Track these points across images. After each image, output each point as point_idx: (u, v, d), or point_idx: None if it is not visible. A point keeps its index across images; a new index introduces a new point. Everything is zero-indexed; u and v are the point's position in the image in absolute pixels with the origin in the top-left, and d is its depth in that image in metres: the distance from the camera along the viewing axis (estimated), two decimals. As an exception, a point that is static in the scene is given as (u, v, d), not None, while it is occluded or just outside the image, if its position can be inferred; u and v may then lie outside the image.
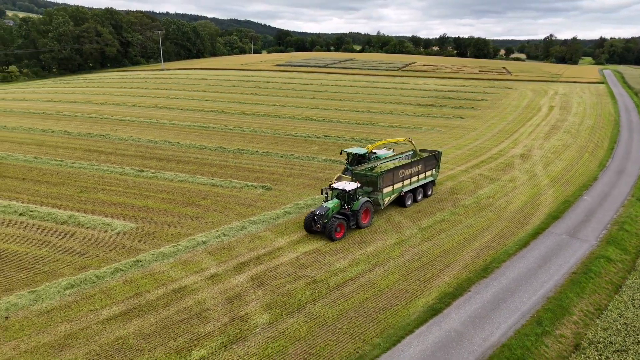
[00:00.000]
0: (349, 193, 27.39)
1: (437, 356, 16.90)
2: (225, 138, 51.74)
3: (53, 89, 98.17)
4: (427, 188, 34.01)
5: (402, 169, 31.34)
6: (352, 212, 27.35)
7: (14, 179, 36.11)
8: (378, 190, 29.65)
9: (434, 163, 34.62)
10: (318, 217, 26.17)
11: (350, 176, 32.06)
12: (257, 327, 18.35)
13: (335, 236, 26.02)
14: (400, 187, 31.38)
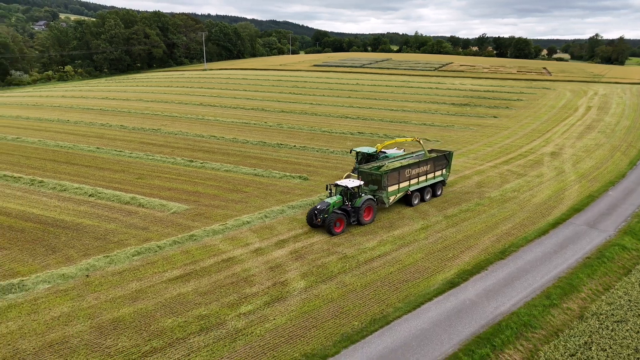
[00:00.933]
0: (350, 190, 28.31)
1: (451, 320, 19.28)
2: (265, 133, 55.20)
3: (106, 88, 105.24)
4: (436, 188, 34.16)
5: (409, 168, 31.69)
6: (354, 208, 28.34)
7: (81, 166, 40.70)
8: (383, 189, 30.31)
9: (444, 163, 34.74)
10: (319, 212, 27.27)
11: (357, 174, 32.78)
12: (295, 291, 21.27)
13: (334, 230, 27.05)
14: (407, 186, 31.79)
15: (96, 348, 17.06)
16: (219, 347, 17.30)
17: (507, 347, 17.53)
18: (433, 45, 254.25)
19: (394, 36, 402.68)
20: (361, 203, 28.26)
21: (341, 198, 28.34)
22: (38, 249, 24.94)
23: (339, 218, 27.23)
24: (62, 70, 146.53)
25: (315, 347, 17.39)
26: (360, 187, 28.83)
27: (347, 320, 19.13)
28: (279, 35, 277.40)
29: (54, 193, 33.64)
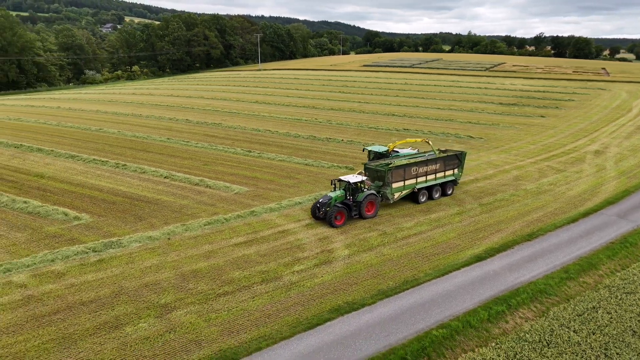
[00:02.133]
0: (352, 185, 29.50)
1: (474, 285, 22.20)
2: (315, 129, 59.24)
3: (170, 86, 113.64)
4: (446, 187, 34.52)
5: (415, 166, 32.38)
6: (356, 202, 29.47)
7: (155, 154, 46.38)
8: (387, 185, 31.28)
9: (456, 163, 34.94)
10: (321, 205, 28.78)
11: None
12: (340, 257, 24.91)
13: (334, 223, 28.26)
14: (414, 184, 32.53)
15: (181, 289, 21.49)
16: (277, 293, 21.25)
17: (521, 307, 20.28)
18: (486, 45, 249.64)
19: (447, 36, 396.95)
20: (363, 198, 29.37)
21: (344, 192, 29.63)
22: (128, 217, 30.08)
23: (340, 211, 28.51)
24: (130, 70, 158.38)
25: (356, 298, 20.94)
26: (362, 183, 30.00)
27: (383, 280, 22.54)
28: (330, 36, 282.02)
29: (135, 174, 39.21)
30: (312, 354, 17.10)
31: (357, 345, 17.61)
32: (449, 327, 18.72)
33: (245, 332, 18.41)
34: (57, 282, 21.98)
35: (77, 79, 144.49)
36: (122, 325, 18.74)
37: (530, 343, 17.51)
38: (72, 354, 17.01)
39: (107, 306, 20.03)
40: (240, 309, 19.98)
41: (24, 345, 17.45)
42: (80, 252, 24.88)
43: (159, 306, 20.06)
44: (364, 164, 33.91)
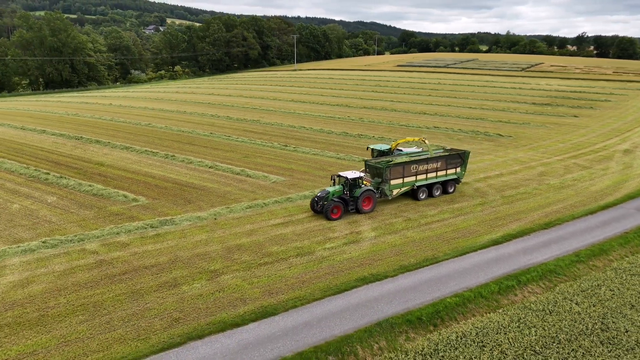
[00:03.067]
0: (349, 181, 30.70)
1: (489, 264, 24.39)
2: (348, 126, 61.96)
3: (210, 85, 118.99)
4: (448, 185, 35.14)
5: (414, 164, 33.22)
6: (353, 198, 30.74)
7: (200, 147, 50.34)
8: (385, 181, 32.34)
9: (459, 162, 35.52)
10: (318, 199, 30.17)
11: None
12: (367, 238, 27.58)
13: (330, 216, 29.55)
14: (413, 181, 33.41)
15: (227, 259, 24.75)
16: (310, 265, 24.17)
17: (530, 283, 22.38)
18: (525, 45, 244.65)
19: (485, 36, 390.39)
20: (360, 193, 30.55)
21: (341, 187, 30.87)
22: (178, 200, 33.77)
23: (336, 205, 29.80)
24: (172, 70, 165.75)
25: (380, 271, 23.58)
26: (361, 179, 31.22)
27: (405, 258, 25.07)
28: (366, 37, 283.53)
29: (183, 164, 43.12)
30: (340, 312, 19.91)
31: (379, 307, 20.28)
32: (462, 297, 21.10)
33: (282, 293, 21.41)
34: (123, 250, 25.70)
35: (123, 78, 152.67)
36: (179, 284, 22.13)
37: (534, 311, 19.69)
38: (140, 304, 20.48)
39: (166, 270, 23.50)
40: (278, 276, 23.01)
41: (100, 296, 21.08)
42: (140, 228, 28.62)
43: (209, 271, 23.38)
44: (365, 161, 35.03)
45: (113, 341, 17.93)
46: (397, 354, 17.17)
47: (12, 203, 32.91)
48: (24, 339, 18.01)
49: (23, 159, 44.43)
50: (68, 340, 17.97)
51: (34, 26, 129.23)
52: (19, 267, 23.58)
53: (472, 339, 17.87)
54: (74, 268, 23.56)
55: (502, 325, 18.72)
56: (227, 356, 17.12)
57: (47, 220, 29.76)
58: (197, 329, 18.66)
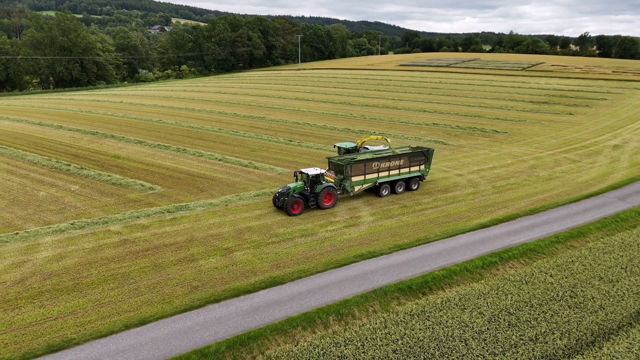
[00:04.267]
0: (310, 177, 31.50)
1: (475, 244, 26.86)
2: (350, 123, 64.48)
3: (217, 84, 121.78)
4: (411, 182, 35.90)
5: (376, 161, 33.86)
6: (313, 194, 31.53)
7: (209, 141, 53.02)
8: (347, 178, 33.09)
9: (422, 159, 36.40)
10: (279, 195, 31.16)
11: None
12: (365, 222, 30.12)
13: (290, 211, 30.40)
14: (375, 178, 34.14)
15: (238, 239, 27.34)
16: (313, 244, 26.73)
17: (511, 260, 24.87)
18: (528, 45, 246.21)
19: (489, 35, 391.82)
20: (320, 189, 31.45)
21: (303, 184, 31.73)
22: (191, 189, 36.41)
23: (296, 201, 30.68)
24: (179, 69, 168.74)
25: (376, 249, 26.12)
26: (322, 175, 32.01)
27: (399, 238, 27.59)
28: (369, 37, 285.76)
29: (194, 157, 45.79)
30: (340, 282, 22.47)
31: (375, 279, 22.83)
32: (449, 270, 23.62)
33: (289, 267, 23.99)
34: (144, 231, 28.35)
35: (131, 77, 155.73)
36: (197, 259, 24.75)
37: (512, 282, 22.18)
38: (162, 275, 23.11)
39: (184, 248, 26.13)
40: (285, 253, 25.60)
41: (127, 269, 23.73)
42: (158, 212, 31.27)
43: (223, 249, 25.99)
44: (328, 159, 35.65)
45: (141, 303, 20.57)
46: (389, 315, 19.71)
47: (39, 191, 35.66)
48: (64, 302, 20.67)
49: (44, 152, 47.23)
50: (102, 302, 20.62)
51: (44, 26, 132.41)
52: (52, 245, 26.28)
53: (455, 302, 20.38)
54: (101, 246, 26.24)
55: (482, 292, 21.22)
56: (241, 316, 19.71)
57: (72, 206, 32.48)
58: (214, 295, 21.27)
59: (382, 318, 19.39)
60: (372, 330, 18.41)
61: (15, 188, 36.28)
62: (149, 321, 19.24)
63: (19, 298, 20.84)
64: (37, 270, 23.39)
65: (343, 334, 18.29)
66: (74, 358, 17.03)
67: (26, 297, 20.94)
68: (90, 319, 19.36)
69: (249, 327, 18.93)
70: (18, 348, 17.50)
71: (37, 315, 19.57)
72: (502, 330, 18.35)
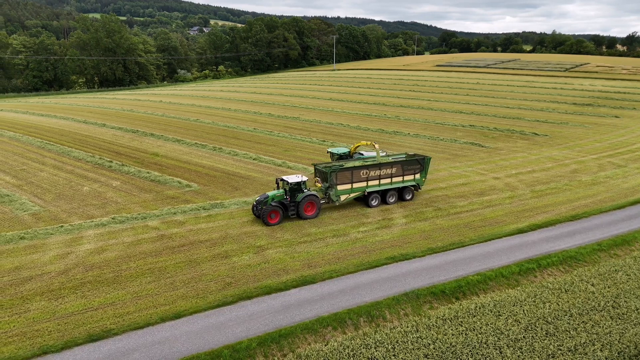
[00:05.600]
0: (290, 185, 29.74)
1: (512, 250, 26.12)
2: (384, 123, 64.03)
3: (252, 84, 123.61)
4: (405, 192, 33.51)
5: (365, 169, 31.56)
6: (294, 203, 29.73)
7: (244, 141, 53.88)
8: (331, 187, 30.95)
9: (417, 168, 33.82)
10: (257, 203, 29.61)
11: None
12: (398, 224, 29.83)
13: (267, 221, 28.71)
14: (364, 187, 31.76)
15: (271, 237, 27.66)
16: (345, 245, 26.71)
17: (550, 267, 24.02)
18: (571, 45, 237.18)
19: (530, 35, 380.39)
20: (301, 198, 29.69)
21: (283, 192, 30.08)
22: (226, 187, 37.09)
23: (274, 210, 28.93)
24: (216, 69, 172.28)
25: (408, 252, 25.83)
26: (304, 183, 30.20)
27: (433, 242, 27.18)
28: (405, 37, 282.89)
29: (229, 156, 46.64)
30: (371, 284, 22.36)
31: (407, 281, 22.58)
32: (484, 275, 23.06)
33: (320, 266, 24.07)
34: (180, 227, 29.11)
35: (170, 77, 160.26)
36: (230, 256, 25.20)
37: (551, 289, 21.45)
38: (197, 271, 23.66)
39: (218, 244, 26.67)
40: (316, 252, 25.70)
41: (163, 263, 24.43)
42: (194, 209, 32.03)
43: (256, 246, 26.36)
44: (314, 165, 33.73)
45: (177, 297, 21.13)
46: (421, 318, 19.45)
47: (83, 186, 37.24)
48: (104, 293, 21.49)
49: (88, 149, 49.28)
50: (140, 295, 21.32)
51: (90, 28, 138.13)
52: (94, 238, 27.38)
53: (489, 309, 19.90)
54: (139, 240, 27.12)
55: (519, 299, 20.63)
56: (273, 313, 19.93)
57: (113, 201, 33.74)
58: (247, 292, 21.59)
59: (413, 321, 19.17)
60: (404, 334, 18.22)
61: (61, 183, 38.02)
62: (183, 315, 19.74)
63: (62, 288, 21.83)
64: (80, 262, 24.43)
65: (374, 335, 18.19)
66: (112, 348, 17.68)
67: (69, 287, 21.91)
68: (128, 311, 20.05)
69: (280, 324, 19.12)
70: (61, 336, 18.33)
71: (79, 305, 20.43)
72: (539, 340, 17.78)
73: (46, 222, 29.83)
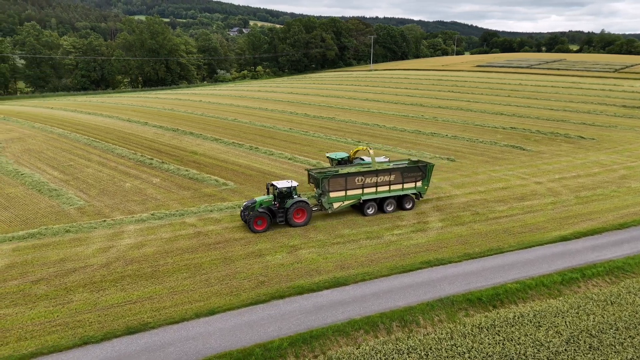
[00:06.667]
0: (279, 190, 28.70)
1: (554, 258, 25.04)
2: (421, 124, 63.00)
3: (289, 85, 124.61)
4: (405, 201, 31.71)
5: (360, 176, 30.14)
6: (282, 209, 28.62)
7: (280, 140, 54.31)
8: (324, 193, 29.62)
9: (419, 175, 31.93)
10: (245, 208, 28.59)
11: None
12: (434, 228, 29.22)
13: (254, 228, 27.72)
14: (359, 195, 30.32)
15: (304, 237, 27.68)
16: (378, 247, 26.41)
17: (595, 277, 22.85)
18: (622, 45, 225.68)
19: (577, 35, 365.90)
20: (290, 205, 28.54)
21: (272, 197, 29.10)
22: (262, 186, 37.38)
23: (260, 216, 27.92)
24: (254, 70, 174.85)
25: (444, 256, 25.24)
26: (294, 189, 29.12)
27: (470, 247, 26.45)
28: (445, 37, 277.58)
29: (265, 156, 47.12)
30: (405, 288, 21.98)
31: (442, 287, 22.07)
32: (523, 284, 22.22)
33: (353, 268, 23.89)
34: (216, 225, 29.62)
35: (210, 77, 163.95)
36: (264, 255, 25.42)
37: (595, 301, 20.41)
38: (231, 268, 23.99)
39: (252, 243, 26.95)
40: (349, 254, 25.53)
41: (199, 260, 24.91)
42: (230, 207, 32.53)
43: (289, 246, 26.46)
44: (307, 170, 32.79)
45: (211, 294, 21.48)
46: (455, 326, 18.95)
47: (125, 182, 38.55)
48: (142, 287, 22.13)
49: (131, 147, 51.02)
50: (176, 290, 21.82)
51: (135, 29, 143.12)
52: (134, 233, 28.27)
53: (529, 319, 19.15)
54: (177, 236, 27.79)
55: (561, 310, 19.74)
56: (305, 314, 19.92)
57: (153, 198, 34.74)
58: (279, 291, 21.69)
59: (448, 328, 18.70)
60: (437, 341, 17.80)
61: (105, 179, 39.51)
62: (217, 312, 20.05)
63: (103, 281, 22.64)
64: (121, 255, 25.27)
65: (406, 341, 17.86)
66: (149, 341, 18.16)
67: (110, 280, 22.70)
68: (164, 305, 20.56)
69: (311, 325, 19.09)
70: (101, 327, 19.00)
71: (118, 298, 21.13)
72: (581, 353, 16.95)
73: (90, 216, 31.07)
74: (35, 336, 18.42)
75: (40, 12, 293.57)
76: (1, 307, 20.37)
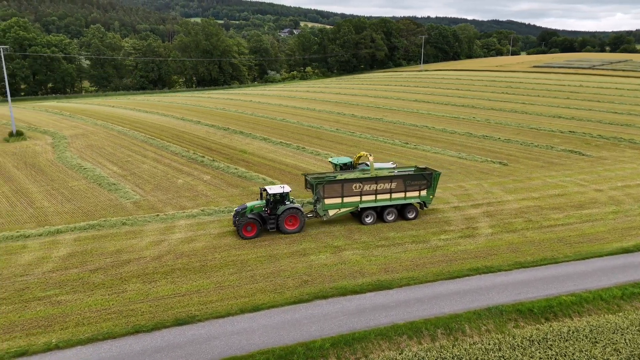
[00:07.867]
0: (270, 196, 27.97)
1: (614, 271, 23.53)
2: (472, 127, 61.16)
3: (337, 85, 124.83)
4: (407, 210, 30.14)
5: (358, 182, 28.92)
6: (274, 215, 27.84)
7: (327, 141, 54.49)
8: (319, 200, 28.62)
9: (423, 184, 30.30)
10: (235, 214, 27.84)
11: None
12: (483, 234, 28.27)
13: (243, 234, 27.09)
14: (356, 202, 29.12)
15: (349, 238, 27.62)
16: (424, 252, 25.90)
17: (660, 294, 21.30)
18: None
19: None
20: (281, 211, 27.78)
21: (264, 203, 28.33)
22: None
23: (250, 223, 27.19)
24: (304, 70, 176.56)
25: (494, 264, 24.36)
26: (287, 195, 28.37)
27: (521, 255, 25.38)
28: (500, 36, 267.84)
29: (312, 156, 47.45)
30: (451, 295, 21.43)
31: (490, 296, 21.32)
32: (580, 297, 21.05)
33: (397, 272, 23.57)
34: (262, 222, 30.13)
35: (260, 77, 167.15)
36: (308, 254, 25.60)
37: (660, 319, 19.01)
38: (275, 266, 24.34)
39: (297, 242, 27.21)
40: (394, 257, 25.21)
41: (245, 256, 25.45)
42: (276, 206, 32.99)
43: (333, 246, 26.51)
44: (304, 175, 32.12)
45: (256, 291, 21.90)
46: (504, 337, 18.26)
47: (177, 178, 40.07)
48: (191, 281, 22.90)
49: (184, 144, 52.97)
50: (223, 285, 22.42)
51: (191, 31, 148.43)
52: (185, 228, 29.32)
53: (584, 334, 18.13)
54: (225, 233, 28.54)
55: (620, 326, 18.55)
56: (347, 315, 19.88)
57: (204, 194, 35.88)
58: (322, 291, 21.77)
59: (496, 339, 18.04)
60: (484, 351, 17.22)
61: (159, 175, 41.23)
62: (261, 308, 20.40)
63: (155, 272, 23.63)
64: (172, 249, 26.29)
65: (451, 349, 17.40)
66: (195, 333, 18.77)
67: (161, 272, 23.66)
68: (211, 299, 21.18)
69: (354, 327, 19.01)
70: (152, 317, 19.84)
71: (168, 290, 21.99)
72: (643, 375, 15.85)
73: (145, 210, 32.53)
74: (92, 322, 19.51)
75: (104, 15, 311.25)
76: (62, 293, 21.76)
